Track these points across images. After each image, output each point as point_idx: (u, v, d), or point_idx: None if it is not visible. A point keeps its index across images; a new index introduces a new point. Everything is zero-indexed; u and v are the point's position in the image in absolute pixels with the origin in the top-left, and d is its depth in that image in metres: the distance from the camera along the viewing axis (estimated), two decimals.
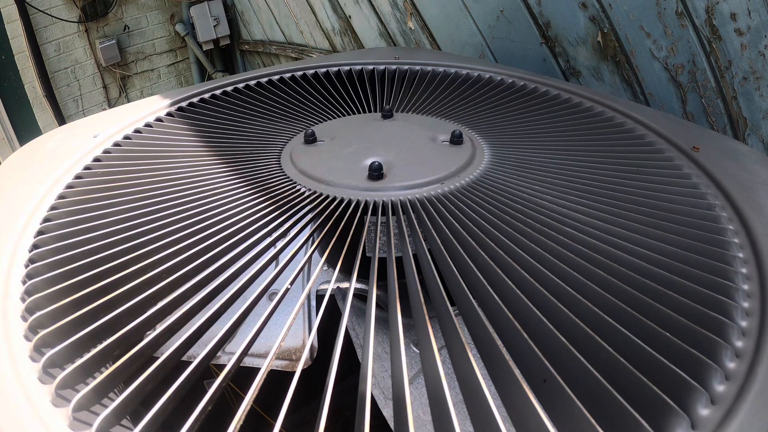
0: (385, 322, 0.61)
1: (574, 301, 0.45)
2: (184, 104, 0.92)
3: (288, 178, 0.68)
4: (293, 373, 0.40)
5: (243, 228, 0.57)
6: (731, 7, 0.91)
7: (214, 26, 2.82)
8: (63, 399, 0.39)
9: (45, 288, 0.49)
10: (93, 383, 0.39)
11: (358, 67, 1.06)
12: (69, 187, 0.67)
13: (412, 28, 1.62)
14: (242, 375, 0.47)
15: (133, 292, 0.48)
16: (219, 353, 0.57)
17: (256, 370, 0.40)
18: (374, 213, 0.59)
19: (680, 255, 0.51)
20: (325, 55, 2.06)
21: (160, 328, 0.45)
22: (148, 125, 0.85)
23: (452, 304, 0.46)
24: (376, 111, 0.91)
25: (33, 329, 0.45)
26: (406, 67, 1.05)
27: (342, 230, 0.57)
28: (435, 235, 0.55)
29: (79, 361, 0.41)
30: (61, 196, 0.65)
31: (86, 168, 0.71)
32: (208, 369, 0.44)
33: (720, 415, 0.37)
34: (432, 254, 0.53)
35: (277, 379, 0.49)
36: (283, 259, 0.53)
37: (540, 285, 0.47)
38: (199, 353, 0.42)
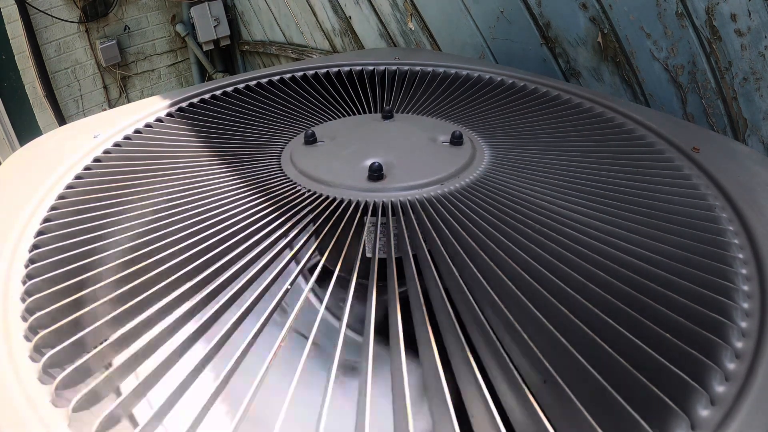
0: None
1: (573, 302, 0.45)
2: (184, 104, 0.92)
3: (288, 178, 0.68)
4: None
5: (243, 228, 0.57)
6: (731, 8, 0.91)
7: (215, 27, 2.81)
8: (63, 399, 0.39)
9: (45, 288, 0.49)
10: (93, 383, 0.40)
11: (358, 68, 1.06)
12: (69, 187, 0.67)
13: (413, 28, 1.62)
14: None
15: (133, 292, 0.48)
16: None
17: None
18: (374, 214, 0.59)
19: (680, 256, 0.51)
20: (326, 55, 2.06)
21: (161, 328, 0.45)
22: (148, 125, 0.85)
23: (452, 305, 0.46)
24: (376, 111, 0.91)
25: (33, 329, 0.45)
26: (406, 67, 1.05)
27: (342, 231, 0.57)
28: (435, 235, 0.55)
29: (79, 361, 0.41)
30: (61, 197, 0.65)
31: (86, 168, 0.71)
32: None
33: (720, 416, 0.37)
34: (432, 255, 0.53)
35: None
36: (283, 260, 0.53)
37: (539, 285, 0.47)
38: (199, 354, 0.42)
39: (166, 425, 0.38)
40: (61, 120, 2.63)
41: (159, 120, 0.87)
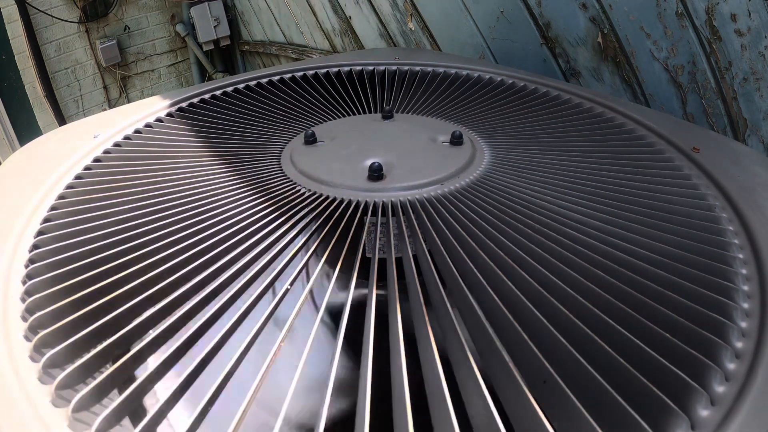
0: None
1: (573, 302, 0.45)
2: (184, 104, 0.92)
3: (288, 178, 0.68)
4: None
5: (243, 229, 0.57)
6: (731, 8, 0.91)
7: (215, 27, 2.81)
8: (63, 399, 0.39)
9: (45, 288, 0.49)
10: (93, 383, 0.39)
11: (358, 68, 1.06)
12: (69, 187, 0.67)
13: (413, 28, 1.62)
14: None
15: (133, 292, 0.48)
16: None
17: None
18: (374, 214, 0.59)
19: (680, 256, 0.51)
20: (326, 55, 2.06)
21: (160, 328, 0.45)
22: (148, 125, 0.85)
23: (452, 305, 0.46)
24: (376, 111, 0.91)
25: (33, 329, 0.45)
26: (406, 67, 1.05)
27: (342, 231, 0.57)
28: (435, 235, 0.55)
29: (79, 361, 0.41)
30: (61, 197, 0.65)
31: (86, 168, 0.71)
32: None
33: (720, 416, 0.37)
34: (432, 255, 0.53)
35: None
36: (283, 260, 0.53)
37: (539, 286, 0.47)
38: (198, 353, 0.42)
39: (166, 425, 0.38)
40: (61, 120, 2.63)
41: (159, 120, 0.87)
